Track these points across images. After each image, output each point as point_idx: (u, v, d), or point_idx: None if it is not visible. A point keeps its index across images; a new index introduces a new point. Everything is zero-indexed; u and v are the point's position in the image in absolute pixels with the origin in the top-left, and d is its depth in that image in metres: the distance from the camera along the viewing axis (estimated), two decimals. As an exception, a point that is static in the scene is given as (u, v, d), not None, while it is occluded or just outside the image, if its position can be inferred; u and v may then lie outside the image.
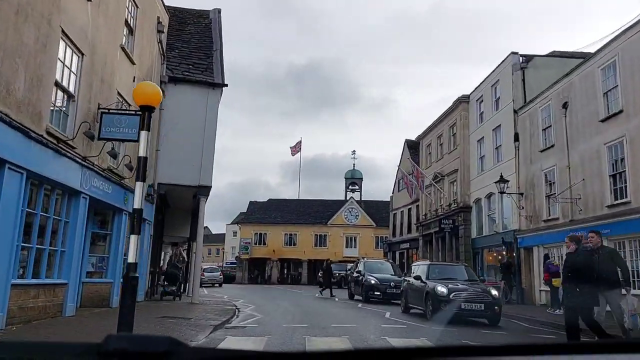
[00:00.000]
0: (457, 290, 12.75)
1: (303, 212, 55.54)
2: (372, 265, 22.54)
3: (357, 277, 21.54)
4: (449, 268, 15.83)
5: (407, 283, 15.50)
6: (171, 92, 16.70)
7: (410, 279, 15.34)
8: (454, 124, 30.69)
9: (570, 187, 18.49)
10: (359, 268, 22.10)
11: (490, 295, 12.71)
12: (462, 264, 19.26)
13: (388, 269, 22.36)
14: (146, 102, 6.55)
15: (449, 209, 30.08)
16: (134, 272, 6.30)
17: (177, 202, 19.87)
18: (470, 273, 15.47)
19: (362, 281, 20.45)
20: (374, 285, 19.60)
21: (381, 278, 20.05)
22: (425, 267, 15.02)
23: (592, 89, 17.71)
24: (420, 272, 14.57)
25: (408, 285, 15.25)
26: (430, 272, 14.23)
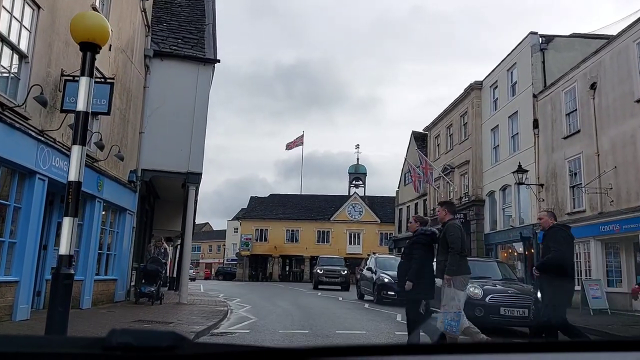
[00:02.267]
0: (494, 292, 10.43)
1: (305, 208, 53.93)
2: (385, 261, 19.99)
3: (368, 274, 19.31)
4: (479, 265, 13.04)
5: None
6: (157, 67, 14.99)
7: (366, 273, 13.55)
8: (465, 112, 28.89)
9: (600, 176, 16.71)
10: (370, 265, 19.75)
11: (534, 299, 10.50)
12: (494, 259, 17.22)
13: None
14: (87, 38, 4.83)
15: (460, 203, 28.29)
16: (68, 267, 4.58)
17: (166, 192, 18.18)
18: (506, 270, 13.05)
19: (373, 279, 18.21)
20: (388, 284, 17.21)
21: (395, 276, 17.98)
22: None
23: (626, 66, 15.92)
24: None
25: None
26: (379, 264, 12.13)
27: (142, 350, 0.79)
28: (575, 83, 18.79)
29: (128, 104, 13.60)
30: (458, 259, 6.51)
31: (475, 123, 27.36)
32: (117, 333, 0.80)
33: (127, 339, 0.79)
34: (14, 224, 8.43)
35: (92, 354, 0.82)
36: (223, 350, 0.89)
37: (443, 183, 30.43)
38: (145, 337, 0.81)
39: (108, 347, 0.79)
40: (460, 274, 6.58)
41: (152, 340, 0.80)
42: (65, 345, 0.90)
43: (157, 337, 0.81)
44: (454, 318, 6.33)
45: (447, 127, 31.67)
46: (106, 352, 0.79)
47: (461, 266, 6.58)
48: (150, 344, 0.80)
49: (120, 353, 0.79)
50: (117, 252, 13.45)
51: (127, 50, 13.24)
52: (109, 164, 12.22)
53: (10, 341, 0.90)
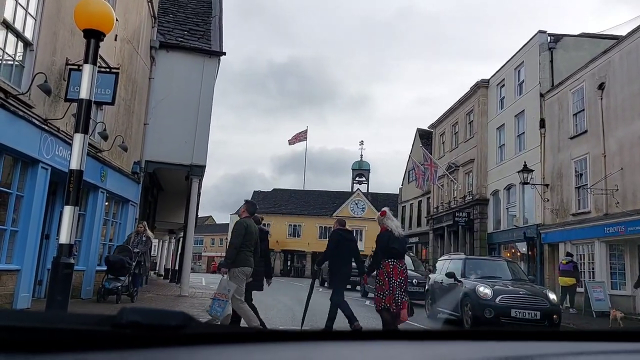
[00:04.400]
0: (505, 292, 10.05)
1: (308, 203, 53.88)
2: None
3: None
4: (488, 264, 12.78)
5: (434, 282, 12.77)
6: (162, 59, 14.92)
7: (437, 277, 12.63)
8: (471, 110, 28.72)
9: (606, 177, 16.57)
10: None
11: (547, 300, 10.08)
12: (504, 258, 16.97)
13: (408, 263, 19.99)
14: (91, 25, 4.76)
15: (464, 202, 28.20)
16: (68, 256, 4.53)
17: (170, 185, 18.15)
18: (517, 270, 12.64)
19: None
20: None
21: None
22: (460, 262, 12.18)
23: (636, 66, 15.74)
24: (453, 269, 11.79)
25: (436, 285, 12.54)
26: (467, 269, 11.46)
27: (151, 329, 0.80)
28: (584, 83, 18.61)
29: (133, 94, 13.54)
30: (235, 253, 7.00)
31: (481, 121, 27.20)
32: (127, 311, 0.81)
33: (136, 317, 0.80)
34: (16, 212, 8.40)
35: (101, 331, 0.82)
36: (230, 331, 0.91)
37: (447, 181, 30.31)
38: (155, 316, 0.82)
39: (118, 324, 0.79)
40: (236, 266, 7.06)
41: (161, 319, 0.81)
42: (76, 321, 0.90)
43: (166, 316, 0.82)
44: (220, 305, 6.79)
45: (452, 125, 31.50)
46: (116, 329, 0.79)
47: (239, 260, 7.03)
48: (159, 323, 0.81)
49: (129, 331, 0.79)
50: (119, 243, 13.40)
51: (133, 41, 13.17)
52: (113, 154, 12.17)
53: (20, 315, 0.89)
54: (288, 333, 0.93)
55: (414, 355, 0.92)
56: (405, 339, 0.99)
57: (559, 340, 1.07)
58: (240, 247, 7.05)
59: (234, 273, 7.05)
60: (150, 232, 12.21)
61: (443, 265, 13.07)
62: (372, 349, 0.92)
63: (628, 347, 1.06)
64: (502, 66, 25.68)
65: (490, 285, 10.16)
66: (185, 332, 0.82)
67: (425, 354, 0.92)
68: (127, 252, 11.16)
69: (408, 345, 0.97)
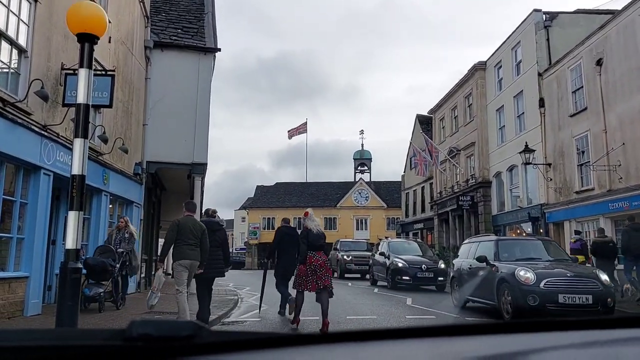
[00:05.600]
0: (550, 275, 8.83)
1: (311, 195, 53.92)
2: (398, 245, 19.55)
3: (381, 259, 18.48)
4: (525, 244, 11.30)
5: (460, 268, 11.57)
6: (157, 59, 14.88)
7: (464, 262, 11.47)
8: (469, 94, 28.61)
9: (608, 153, 16.52)
10: (382, 249, 18.97)
11: (599, 282, 8.92)
12: (538, 236, 15.80)
13: (415, 249, 19.09)
14: (84, 29, 4.75)
15: (467, 185, 28.18)
16: (75, 261, 4.55)
17: (172, 184, 18.18)
18: (555, 250, 11.14)
19: (387, 264, 17.50)
20: (402, 268, 16.72)
21: (410, 260, 17.05)
22: (491, 244, 10.76)
23: (633, 40, 15.62)
24: (484, 252, 10.47)
25: (463, 271, 11.35)
26: (501, 251, 10.15)
27: (162, 340, 0.80)
28: (581, 60, 18.51)
29: (130, 96, 13.53)
30: (166, 249, 7.81)
31: (480, 104, 27.10)
32: (137, 324, 0.81)
33: (147, 330, 0.80)
34: (22, 219, 8.44)
35: (113, 345, 0.82)
36: (241, 338, 0.89)
37: (449, 166, 30.27)
38: (165, 327, 0.82)
39: (129, 338, 0.79)
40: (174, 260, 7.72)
41: (172, 330, 0.81)
42: (86, 337, 0.90)
43: (177, 327, 0.82)
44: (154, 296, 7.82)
45: (451, 110, 31.40)
46: (127, 343, 0.79)
47: (175, 254, 7.66)
48: (170, 334, 0.81)
49: (141, 344, 0.79)
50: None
51: (127, 42, 13.14)
52: (114, 157, 12.19)
53: (30, 335, 0.91)
54: (298, 337, 0.93)
55: (428, 353, 0.91)
56: (418, 336, 0.98)
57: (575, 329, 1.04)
58: (176, 243, 7.61)
59: (175, 267, 7.76)
60: (133, 227, 10.58)
61: (470, 249, 11.78)
62: (385, 349, 0.92)
63: None
64: (499, 47, 25.54)
65: (531, 269, 8.92)
66: (196, 341, 0.82)
67: (439, 350, 0.92)
68: (110, 253, 9.79)
69: (421, 343, 0.97)
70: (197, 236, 7.76)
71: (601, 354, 0.89)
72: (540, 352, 0.87)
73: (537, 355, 0.86)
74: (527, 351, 0.87)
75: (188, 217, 8.00)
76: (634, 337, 0.97)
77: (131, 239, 10.16)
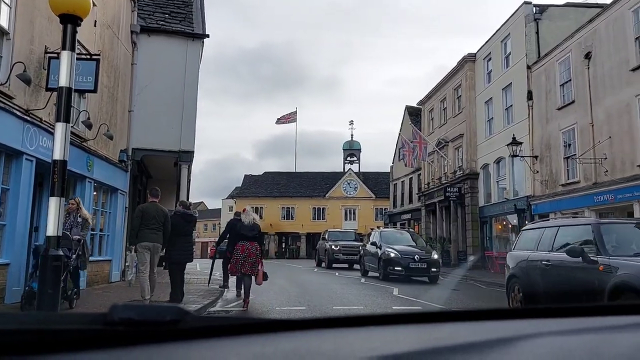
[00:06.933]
0: None
1: (300, 185, 53.88)
2: (389, 235, 19.12)
3: (372, 249, 18.05)
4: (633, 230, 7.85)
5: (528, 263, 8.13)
6: (144, 44, 14.64)
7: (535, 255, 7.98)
8: (458, 85, 28.65)
9: (594, 146, 16.65)
10: (374, 239, 18.48)
11: None
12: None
13: (407, 239, 18.71)
14: (67, 10, 4.61)
15: (454, 177, 28.30)
16: (56, 248, 4.45)
17: (159, 172, 18.00)
18: None
19: (378, 255, 17.06)
20: (394, 259, 16.29)
21: (402, 250, 16.57)
22: (587, 229, 7.32)
23: (621, 34, 15.70)
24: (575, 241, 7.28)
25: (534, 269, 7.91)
26: (607, 240, 6.79)
27: (145, 325, 0.78)
28: (570, 53, 18.58)
29: (116, 81, 13.31)
30: (134, 233, 8.46)
31: (469, 96, 27.15)
32: (118, 308, 0.79)
33: (129, 314, 0.78)
34: (3, 206, 8.27)
35: (94, 330, 0.80)
36: (226, 323, 0.88)
37: (437, 157, 30.35)
38: (148, 312, 0.80)
39: (110, 322, 0.77)
40: (138, 242, 8.40)
41: (155, 315, 0.80)
42: (67, 321, 0.88)
43: (160, 311, 0.80)
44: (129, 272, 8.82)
45: (440, 101, 31.44)
46: (108, 327, 0.78)
47: (139, 237, 8.35)
48: (153, 318, 0.79)
49: (122, 328, 0.77)
50: (110, 232, 13.32)
51: (112, 26, 12.90)
52: (99, 143, 12.00)
53: (11, 318, 0.87)
54: (285, 322, 0.92)
55: (414, 338, 0.90)
56: (405, 322, 0.98)
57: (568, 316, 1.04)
58: (140, 227, 8.28)
59: (137, 248, 8.42)
60: (86, 211, 8.93)
61: (540, 236, 8.28)
62: (373, 334, 0.91)
63: None
64: (489, 39, 25.55)
65: None
66: (181, 326, 0.80)
67: (426, 336, 0.91)
68: (66, 241, 7.58)
69: (408, 329, 0.95)
70: (160, 221, 8.32)
71: (586, 340, 0.88)
72: (527, 338, 0.86)
73: (523, 341, 0.84)
74: (513, 337, 0.85)
75: (152, 203, 8.58)
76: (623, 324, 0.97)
77: (85, 225, 8.61)
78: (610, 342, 0.88)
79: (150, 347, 0.78)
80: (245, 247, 9.21)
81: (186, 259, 9.37)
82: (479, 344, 0.83)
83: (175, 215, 9.35)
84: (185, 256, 9.26)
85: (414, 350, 0.80)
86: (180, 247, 9.09)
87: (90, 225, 9.05)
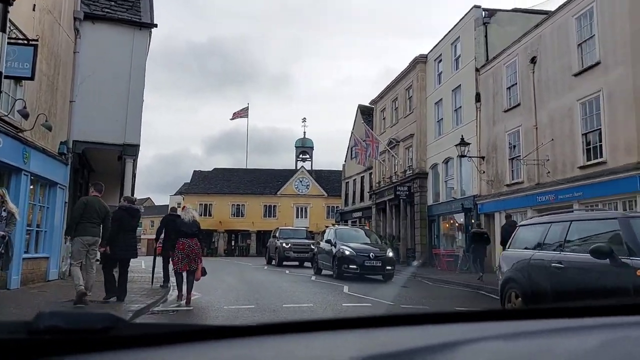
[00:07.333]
0: None
1: (251, 182, 53.31)
2: (344, 232, 18.59)
3: (326, 247, 17.53)
4: None
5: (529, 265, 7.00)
6: (88, 32, 13.96)
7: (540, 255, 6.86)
8: (410, 86, 29.08)
9: (538, 148, 17.24)
10: (329, 237, 17.89)
11: None
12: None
13: (363, 237, 18.33)
14: (-5, -15, 4.22)
15: (404, 176, 28.72)
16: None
17: (102, 165, 17.26)
18: None
19: (333, 252, 16.59)
20: (349, 257, 15.83)
21: (357, 248, 16.17)
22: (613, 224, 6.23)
23: (565, 40, 16.31)
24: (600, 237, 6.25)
25: (538, 269, 6.82)
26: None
27: (74, 333, 0.73)
28: (516, 57, 19.16)
29: (56, 70, 12.60)
30: (73, 225, 8.33)
31: (420, 97, 27.59)
32: (45, 316, 0.73)
33: (56, 322, 0.73)
34: None
35: (16, 340, 0.73)
36: (162, 331, 0.84)
37: (388, 156, 30.70)
38: (77, 319, 0.75)
39: (35, 330, 0.72)
40: (77, 235, 8.23)
41: (85, 322, 0.75)
42: None
43: (91, 319, 0.76)
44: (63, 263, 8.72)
45: (392, 101, 31.82)
46: (32, 336, 0.72)
47: (78, 230, 8.20)
48: (83, 326, 0.74)
49: (49, 337, 0.72)
50: (47, 228, 12.62)
51: (54, 12, 12.19)
52: (36, 134, 11.32)
53: None
54: (225, 329, 0.87)
55: (359, 345, 0.87)
56: (350, 327, 0.94)
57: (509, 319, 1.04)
58: (81, 220, 8.14)
59: (75, 241, 8.25)
60: (12, 204, 8.00)
61: (543, 233, 7.11)
62: (316, 341, 0.88)
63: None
64: (440, 41, 26.04)
65: None
66: (113, 334, 0.75)
67: (371, 342, 0.88)
68: None
69: (353, 334, 0.92)
70: (101, 216, 8.34)
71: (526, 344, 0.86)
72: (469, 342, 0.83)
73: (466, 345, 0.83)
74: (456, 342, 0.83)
75: (95, 197, 8.55)
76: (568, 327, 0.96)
77: (11, 220, 7.75)
78: (549, 346, 0.86)
79: (79, 357, 0.73)
80: (186, 244, 9.34)
81: (130, 255, 9.24)
82: (422, 350, 0.81)
83: (120, 209, 9.16)
84: (129, 252, 9.15)
85: (359, 356, 0.77)
86: (124, 243, 8.93)
87: (17, 220, 8.01)
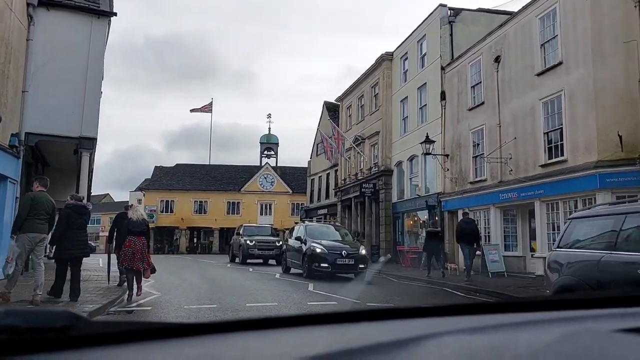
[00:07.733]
0: None
1: (214, 179, 52.53)
2: (315, 229, 17.86)
3: (296, 245, 16.90)
4: None
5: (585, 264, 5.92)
6: (42, 18, 13.25)
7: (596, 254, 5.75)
8: (376, 83, 29.10)
9: (501, 146, 17.47)
10: (298, 234, 17.24)
11: None
12: None
13: (334, 234, 17.69)
14: None
15: (370, 173, 28.76)
16: None
17: (57, 159, 16.49)
18: None
19: (303, 250, 16.03)
20: (320, 255, 15.26)
21: (329, 246, 15.62)
22: None
23: (529, 40, 16.56)
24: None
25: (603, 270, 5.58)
26: None
27: (31, 332, 0.73)
28: (481, 56, 19.36)
29: (7, 57, 11.89)
30: (20, 221, 8.03)
31: (385, 94, 27.64)
32: (1, 314, 0.72)
33: (12, 321, 0.72)
34: None
35: None
36: (124, 329, 0.83)
37: (354, 153, 30.68)
38: (35, 318, 0.74)
39: None
40: (23, 232, 7.99)
41: (43, 321, 0.74)
42: None
43: (49, 317, 0.75)
44: (9, 266, 7.94)
45: (358, 98, 31.80)
46: None
47: (25, 226, 7.97)
48: (40, 325, 0.73)
49: (5, 337, 0.71)
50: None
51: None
52: (-17, 125, 10.65)
53: None
54: (188, 327, 0.85)
55: (325, 340, 0.86)
56: (316, 323, 0.95)
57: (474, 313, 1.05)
58: (28, 216, 7.92)
59: (21, 238, 7.96)
60: None
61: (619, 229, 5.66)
62: (282, 337, 0.87)
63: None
64: (406, 39, 26.12)
65: None
66: (72, 333, 0.74)
67: (337, 338, 0.86)
68: None
69: (319, 330, 0.93)
70: (49, 212, 8.19)
71: (489, 339, 0.86)
72: (434, 337, 0.83)
73: (431, 340, 0.81)
74: (421, 336, 0.83)
75: (42, 193, 8.29)
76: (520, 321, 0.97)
77: None
78: (512, 339, 0.85)
79: (37, 357, 0.71)
80: (132, 242, 9.45)
81: (82, 253, 9.01)
82: (388, 344, 0.80)
83: (67, 208, 8.88)
84: (80, 250, 8.91)
85: (325, 352, 0.75)
86: (75, 241, 8.70)
87: None
